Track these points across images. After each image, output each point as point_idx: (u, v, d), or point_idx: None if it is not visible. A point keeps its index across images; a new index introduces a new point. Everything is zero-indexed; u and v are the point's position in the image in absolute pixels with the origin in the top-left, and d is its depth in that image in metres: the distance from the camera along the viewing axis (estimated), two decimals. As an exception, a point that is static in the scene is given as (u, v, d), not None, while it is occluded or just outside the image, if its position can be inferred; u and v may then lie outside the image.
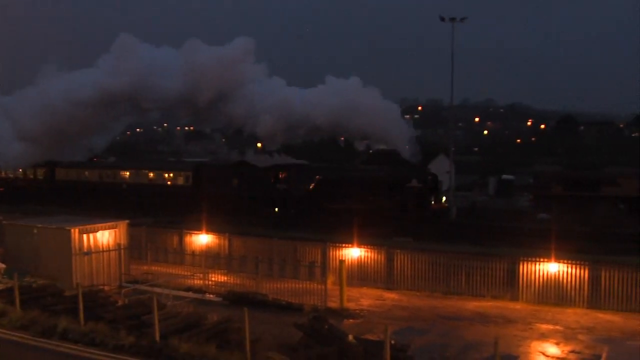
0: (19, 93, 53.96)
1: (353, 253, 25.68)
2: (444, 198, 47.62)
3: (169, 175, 53.68)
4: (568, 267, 22.23)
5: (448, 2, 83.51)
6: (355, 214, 35.25)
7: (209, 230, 29.94)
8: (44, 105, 49.33)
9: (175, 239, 30.52)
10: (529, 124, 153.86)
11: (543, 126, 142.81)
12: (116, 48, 49.27)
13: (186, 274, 25.80)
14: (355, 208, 39.23)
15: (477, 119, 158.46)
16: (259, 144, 68.77)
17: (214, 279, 25.01)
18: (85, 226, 25.32)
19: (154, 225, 34.79)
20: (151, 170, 55.19)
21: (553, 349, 17.74)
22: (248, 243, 28.90)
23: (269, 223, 41.03)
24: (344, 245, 26.10)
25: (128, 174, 56.14)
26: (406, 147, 44.66)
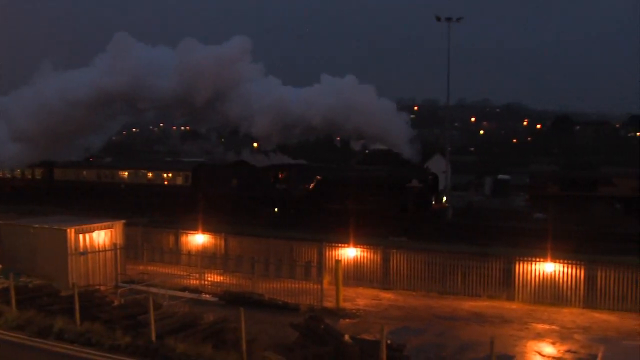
0: (15, 93, 53.75)
1: (349, 253, 25.68)
2: (444, 198, 47.48)
3: (167, 175, 53.43)
4: (564, 267, 22.28)
5: (447, 2, 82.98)
6: (355, 215, 35.08)
7: (206, 230, 29.93)
8: (40, 105, 48.94)
9: (172, 238, 30.48)
10: (525, 123, 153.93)
11: (539, 126, 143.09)
12: (112, 47, 49.13)
13: (182, 274, 25.83)
14: (355, 208, 39.05)
15: (473, 119, 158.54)
16: (255, 144, 68.55)
17: (210, 279, 25.03)
18: (81, 226, 25.31)
19: (150, 225, 34.73)
20: (150, 170, 54.89)
21: (549, 349, 17.77)
22: (244, 243, 28.89)
23: (268, 223, 40.86)
24: (340, 245, 26.10)
25: (126, 174, 55.89)
26: (407, 146, 44.26)
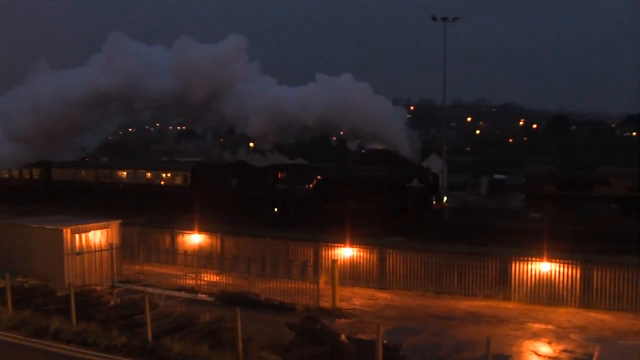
0: (10, 92, 53.61)
1: (345, 253, 25.67)
2: (444, 198, 47.40)
3: (166, 175, 53.30)
4: (560, 267, 22.30)
5: (447, 2, 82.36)
6: (355, 215, 35.02)
7: (204, 230, 29.89)
8: (36, 105, 48.88)
9: (168, 238, 30.45)
10: (521, 123, 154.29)
11: (535, 126, 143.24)
12: (107, 47, 49.01)
13: (178, 273, 25.75)
14: (355, 208, 38.90)
15: (470, 119, 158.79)
16: (251, 144, 68.48)
17: (206, 279, 24.99)
18: (77, 226, 25.25)
19: (146, 225, 34.67)
20: (148, 170, 54.73)
21: (545, 348, 17.79)
22: (240, 243, 28.86)
23: (268, 223, 40.81)
24: (336, 244, 26.09)
25: (125, 174, 55.79)
26: (406, 145, 44.07)
